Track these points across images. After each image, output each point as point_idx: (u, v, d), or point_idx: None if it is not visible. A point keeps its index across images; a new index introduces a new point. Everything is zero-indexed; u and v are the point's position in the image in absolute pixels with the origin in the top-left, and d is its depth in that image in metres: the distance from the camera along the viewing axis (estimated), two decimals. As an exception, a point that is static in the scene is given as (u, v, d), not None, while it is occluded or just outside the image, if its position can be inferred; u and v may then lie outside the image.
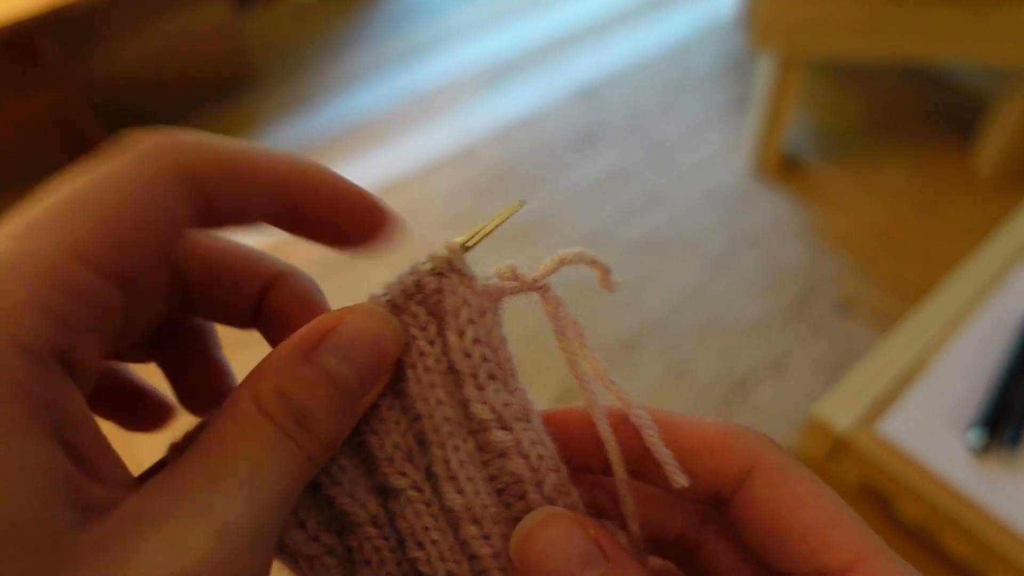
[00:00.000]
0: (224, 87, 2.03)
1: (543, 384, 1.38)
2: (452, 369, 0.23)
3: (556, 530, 0.21)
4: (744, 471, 0.22)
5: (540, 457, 0.23)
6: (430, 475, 0.23)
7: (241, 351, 0.27)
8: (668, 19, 2.29)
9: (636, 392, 1.40)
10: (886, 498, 0.60)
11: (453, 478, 0.23)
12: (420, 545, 0.23)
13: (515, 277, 0.24)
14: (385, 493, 0.23)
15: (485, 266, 0.24)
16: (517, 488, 0.23)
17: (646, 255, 1.62)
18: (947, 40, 1.52)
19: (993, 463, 0.58)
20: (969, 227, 1.65)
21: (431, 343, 0.23)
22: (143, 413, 0.27)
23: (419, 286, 0.23)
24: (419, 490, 0.23)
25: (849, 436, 0.60)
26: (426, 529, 0.23)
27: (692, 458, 0.23)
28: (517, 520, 0.23)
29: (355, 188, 0.23)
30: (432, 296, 0.23)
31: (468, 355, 0.23)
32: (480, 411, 0.23)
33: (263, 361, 0.21)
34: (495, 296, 0.24)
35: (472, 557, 0.23)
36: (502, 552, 0.23)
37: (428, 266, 0.23)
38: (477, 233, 0.24)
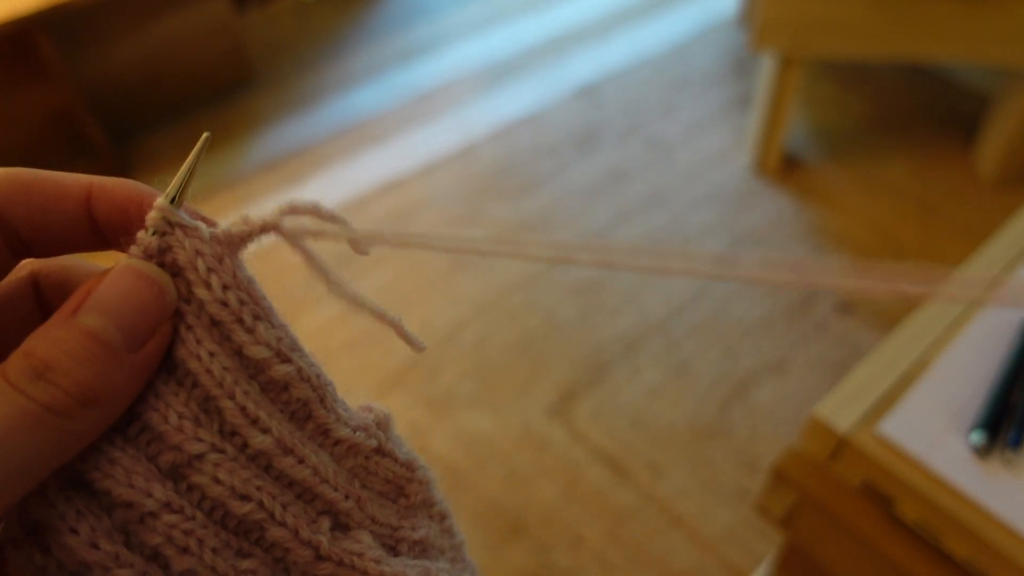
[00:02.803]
0: (224, 87, 2.03)
1: (542, 386, 1.38)
2: (214, 322, 0.23)
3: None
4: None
5: (318, 376, 0.24)
6: (224, 433, 0.23)
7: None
8: (668, 18, 2.29)
9: (637, 392, 1.41)
10: (887, 499, 0.60)
11: (255, 421, 0.23)
12: (245, 498, 0.23)
13: (246, 222, 0.23)
14: (176, 475, 0.22)
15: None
16: (304, 410, 0.24)
17: (646, 255, 1.61)
18: (948, 40, 1.52)
19: (995, 464, 0.58)
20: (970, 227, 1.65)
21: (186, 301, 0.22)
22: None
23: (147, 253, 0.22)
24: (220, 450, 0.22)
25: (850, 437, 0.60)
26: (245, 481, 0.23)
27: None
28: (312, 438, 0.25)
29: (139, 188, 0.24)
30: (166, 257, 0.22)
31: (225, 303, 0.22)
32: (258, 352, 0.23)
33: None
34: (227, 242, 0.23)
35: (291, 483, 0.24)
36: (317, 466, 0.24)
37: (148, 232, 0.22)
38: (175, 183, 0.23)
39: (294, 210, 0.24)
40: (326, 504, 0.25)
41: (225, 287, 0.22)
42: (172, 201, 0.23)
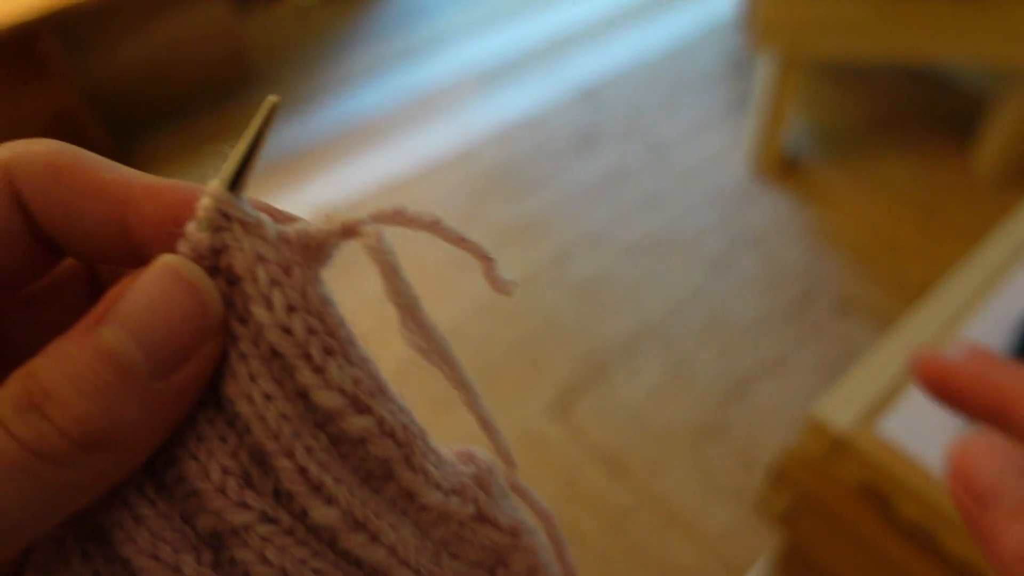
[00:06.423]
0: (224, 87, 2.03)
1: (541, 385, 1.38)
2: (275, 353, 0.17)
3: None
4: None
5: (405, 428, 0.19)
6: (279, 496, 0.18)
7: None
8: (668, 19, 2.29)
9: (636, 392, 1.41)
10: (885, 498, 0.60)
11: (318, 488, 0.18)
12: None
13: (329, 221, 0.18)
14: (217, 544, 0.17)
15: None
16: (383, 469, 0.19)
17: (646, 255, 1.62)
18: (947, 40, 1.52)
19: (992, 463, 0.58)
20: (969, 227, 1.65)
21: (242, 321, 0.17)
22: None
23: (196, 252, 0.17)
24: (272, 520, 0.17)
25: (848, 436, 0.60)
26: (301, 562, 0.18)
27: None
28: (391, 503, 0.19)
29: (195, 190, 0.19)
30: (220, 260, 0.17)
31: (288, 330, 0.17)
32: (327, 399, 0.17)
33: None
34: (300, 245, 0.18)
35: (360, 564, 0.19)
36: (396, 544, 0.19)
37: (198, 225, 0.17)
38: (233, 162, 0.18)
39: (380, 217, 0.19)
40: None
41: (290, 308, 0.17)
42: (232, 188, 0.18)
